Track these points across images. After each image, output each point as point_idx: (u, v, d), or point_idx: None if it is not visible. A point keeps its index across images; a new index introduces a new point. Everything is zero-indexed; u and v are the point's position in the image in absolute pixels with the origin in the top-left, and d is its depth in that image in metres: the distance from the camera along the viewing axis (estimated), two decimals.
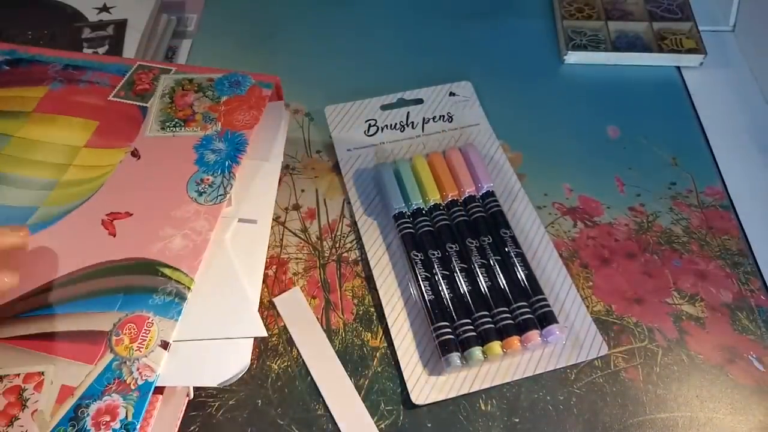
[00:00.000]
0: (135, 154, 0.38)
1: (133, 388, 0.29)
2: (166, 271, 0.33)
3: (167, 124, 0.39)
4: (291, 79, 0.52)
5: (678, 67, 0.52)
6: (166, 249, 0.33)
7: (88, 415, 0.28)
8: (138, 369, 0.29)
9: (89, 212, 0.35)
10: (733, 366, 0.36)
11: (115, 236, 0.34)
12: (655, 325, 0.37)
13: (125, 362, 0.30)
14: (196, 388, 0.35)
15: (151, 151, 0.38)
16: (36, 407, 0.28)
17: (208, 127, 0.39)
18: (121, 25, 0.52)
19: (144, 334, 0.30)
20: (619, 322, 0.38)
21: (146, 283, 0.32)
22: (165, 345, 0.30)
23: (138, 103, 0.40)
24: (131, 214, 0.35)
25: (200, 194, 0.36)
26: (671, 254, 0.40)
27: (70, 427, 0.28)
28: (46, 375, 0.29)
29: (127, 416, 0.28)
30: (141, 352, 0.30)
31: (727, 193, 0.44)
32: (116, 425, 0.28)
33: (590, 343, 0.36)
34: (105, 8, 0.53)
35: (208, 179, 0.36)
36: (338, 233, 0.42)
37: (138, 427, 0.28)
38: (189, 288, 0.32)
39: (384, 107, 0.48)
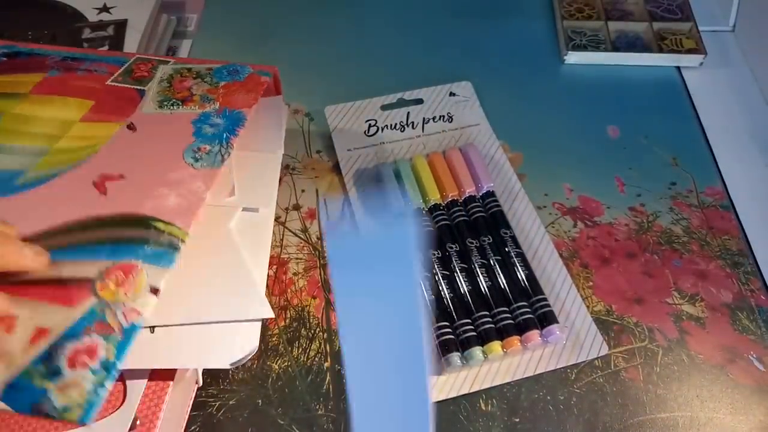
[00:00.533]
0: (131, 127, 0.37)
1: (116, 330, 0.27)
2: (159, 225, 0.31)
3: (165, 103, 0.38)
4: (291, 79, 0.52)
5: (678, 67, 0.52)
6: (160, 206, 0.32)
7: (63, 354, 0.27)
8: (123, 313, 0.28)
9: (80, 175, 0.34)
10: (734, 366, 0.36)
11: (105, 195, 0.33)
12: (656, 325, 0.37)
13: (109, 306, 0.28)
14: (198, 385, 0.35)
15: (148, 125, 0.37)
16: (6, 348, 0.27)
17: (206, 106, 0.38)
18: (121, 26, 0.52)
19: (131, 280, 0.29)
20: (619, 322, 0.38)
21: (137, 235, 0.31)
22: (155, 291, 0.29)
23: (136, 87, 0.40)
24: (124, 177, 0.34)
25: (196, 161, 0.35)
26: (671, 254, 0.40)
27: (42, 366, 0.26)
28: (20, 318, 0.28)
29: (108, 356, 0.27)
30: (127, 296, 0.28)
31: (727, 193, 0.44)
32: (95, 364, 0.27)
33: (590, 343, 0.36)
34: (105, 8, 0.53)
35: (205, 148, 0.35)
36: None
37: (119, 367, 0.27)
38: (182, 240, 0.31)
39: (384, 107, 0.48)
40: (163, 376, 0.31)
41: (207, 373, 0.36)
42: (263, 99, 0.41)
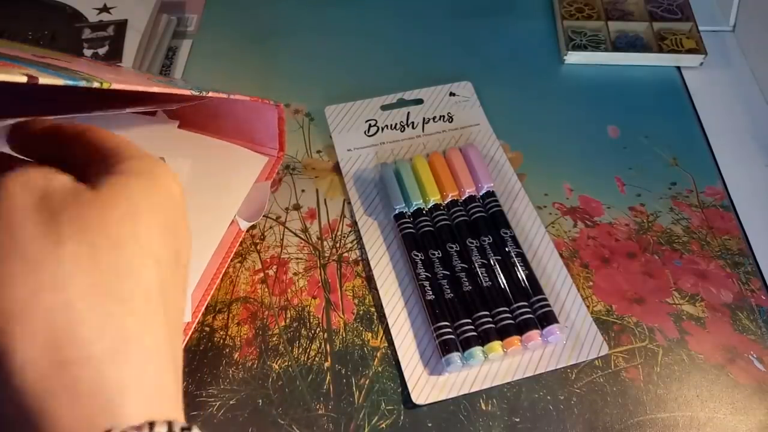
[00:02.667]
0: (107, 65, 0.35)
1: None
2: (83, 74, 0.28)
3: (155, 77, 0.37)
4: (291, 79, 0.52)
5: (678, 67, 0.52)
6: (97, 74, 0.29)
7: None
8: None
9: (24, 52, 0.31)
10: (734, 366, 0.36)
11: (42, 59, 0.30)
12: (656, 325, 0.37)
13: None
14: (196, 386, 0.35)
15: (127, 70, 0.36)
16: None
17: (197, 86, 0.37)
18: (121, 26, 0.52)
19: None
20: (619, 322, 0.38)
21: (49, 67, 0.28)
22: (32, 78, 0.25)
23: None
24: (69, 63, 0.31)
25: (161, 82, 0.32)
26: (672, 254, 0.40)
27: None
28: None
29: None
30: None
31: (728, 193, 0.44)
32: None
33: (590, 343, 0.36)
34: (105, 8, 0.53)
35: (177, 82, 0.34)
36: (338, 233, 0.42)
37: None
38: (101, 83, 0.28)
39: (384, 107, 0.48)
40: None
41: (207, 372, 0.36)
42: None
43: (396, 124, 0.47)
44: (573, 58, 0.52)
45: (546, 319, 0.36)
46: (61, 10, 0.53)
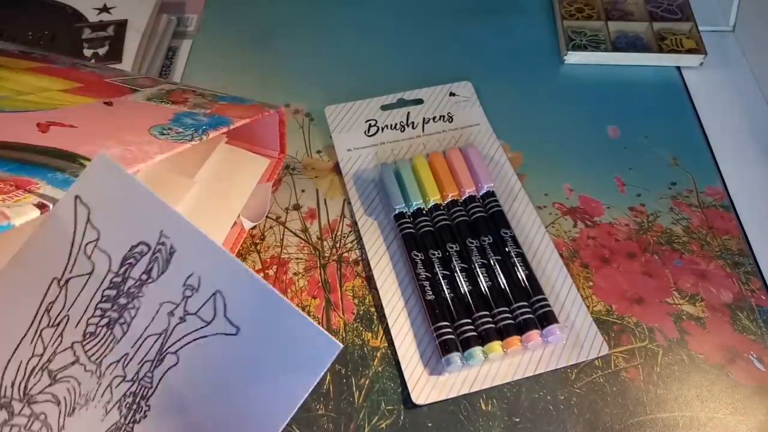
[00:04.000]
0: (108, 103, 0.34)
1: None
2: (85, 162, 0.27)
3: (155, 99, 0.35)
4: (291, 79, 0.52)
5: (678, 67, 0.52)
6: (98, 151, 0.27)
7: None
8: None
9: (30, 117, 0.30)
10: (734, 366, 0.36)
11: (45, 133, 0.29)
12: (656, 325, 0.37)
13: None
14: None
15: (128, 105, 0.34)
16: None
17: (196, 110, 0.36)
18: (121, 26, 0.52)
19: (19, 193, 0.25)
20: (619, 322, 0.38)
21: (55, 164, 0.27)
22: (42, 206, 0.25)
23: (132, 87, 0.37)
24: (75, 127, 0.30)
25: (162, 134, 0.31)
26: (672, 254, 0.40)
27: None
28: None
29: None
30: (5, 203, 0.24)
31: (728, 193, 0.44)
32: None
33: (591, 343, 0.36)
34: (105, 9, 0.53)
35: (176, 129, 0.32)
36: (339, 233, 0.42)
37: None
38: None
39: (384, 107, 0.48)
40: None
41: None
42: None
43: (396, 124, 0.47)
44: (573, 58, 0.52)
45: (546, 319, 0.36)
46: (61, 10, 0.53)
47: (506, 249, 0.38)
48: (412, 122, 0.47)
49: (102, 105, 0.34)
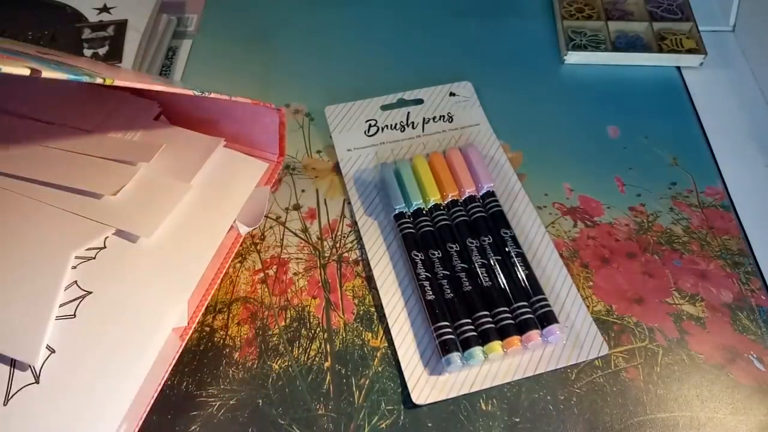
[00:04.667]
0: (109, 65, 0.34)
1: None
2: (85, 70, 0.27)
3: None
4: (291, 79, 0.52)
5: (678, 67, 0.52)
6: (99, 70, 0.28)
7: None
8: None
9: (28, 48, 0.31)
10: (734, 366, 0.36)
11: (45, 54, 0.29)
12: (656, 325, 0.37)
13: None
14: (197, 386, 0.35)
15: (128, 70, 0.35)
16: None
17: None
18: (121, 26, 0.52)
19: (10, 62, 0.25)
20: (619, 322, 0.38)
21: (51, 62, 0.27)
22: (35, 71, 0.25)
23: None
24: (72, 60, 0.31)
25: (163, 82, 0.32)
26: (671, 254, 0.40)
27: None
28: None
29: None
30: None
31: (728, 193, 0.44)
32: None
33: (591, 343, 0.36)
34: (105, 9, 0.53)
35: (177, 83, 0.33)
36: (339, 233, 0.42)
37: None
38: (104, 79, 0.28)
39: (384, 107, 0.48)
40: None
41: (207, 372, 0.36)
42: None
43: (396, 124, 0.47)
44: (573, 58, 0.52)
45: (546, 319, 0.36)
46: (61, 10, 0.53)
47: (506, 249, 0.38)
48: (412, 122, 0.47)
49: (102, 64, 0.35)
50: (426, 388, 0.35)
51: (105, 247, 0.36)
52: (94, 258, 0.35)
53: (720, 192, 0.44)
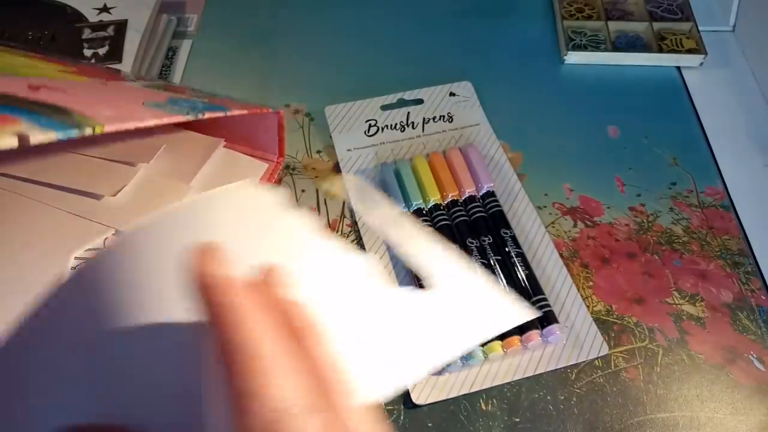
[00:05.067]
0: (103, 83, 0.33)
1: None
2: (77, 116, 0.25)
3: (151, 87, 0.35)
4: (291, 79, 0.52)
5: (678, 67, 0.52)
6: (88, 109, 0.26)
7: None
8: None
9: (22, 80, 0.29)
10: (734, 366, 0.36)
11: (36, 91, 0.27)
12: (656, 325, 0.37)
13: None
14: None
15: (122, 86, 0.33)
16: None
17: (192, 96, 0.35)
18: (121, 26, 0.52)
19: None
20: (619, 322, 0.38)
21: (41, 110, 0.25)
22: (23, 138, 0.23)
23: (131, 80, 0.37)
24: (65, 92, 0.29)
25: (156, 107, 0.30)
26: (672, 254, 0.40)
27: None
28: None
29: None
30: None
31: (728, 193, 0.44)
32: None
33: (591, 343, 0.36)
34: (105, 9, 0.53)
35: (171, 107, 0.31)
36: (339, 233, 0.42)
37: None
38: (94, 129, 0.25)
39: (384, 107, 0.48)
40: None
41: None
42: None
43: (396, 124, 0.47)
44: (573, 58, 0.52)
45: (546, 319, 0.36)
46: (61, 10, 0.53)
47: (506, 249, 0.38)
48: (412, 122, 0.47)
49: (97, 82, 0.34)
50: (426, 388, 0.35)
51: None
52: None
53: (720, 192, 0.44)
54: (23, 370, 0.21)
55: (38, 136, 0.23)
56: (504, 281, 0.37)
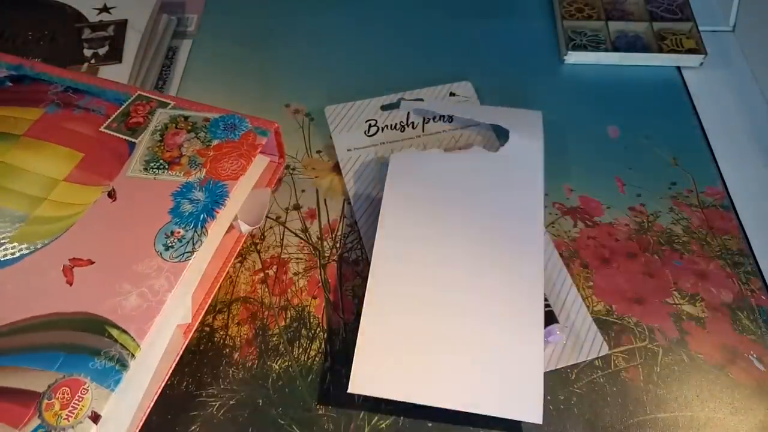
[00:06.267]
0: (111, 195, 0.37)
1: None
2: (114, 332, 0.31)
3: (151, 164, 0.38)
4: (291, 79, 0.52)
5: (678, 67, 0.52)
6: (119, 307, 0.32)
7: None
8: None
9: (53, 254, 0.34)
10: (734, 366, 0.36)
11: (71, 285, 0.33)
12: (656, 325, 0.37)
13: (51, 431, 0.28)
14: (197, 386, 0.35)
15: (129, 193, 0.37)
16: None
17: (191, 173, 0.37)
18: (121, 26, 0.52)
19: (76, 402, 0.29)
20: (619, 322, 0.38)
21: (90, 343, 0.31)
22: (95, 417, 0.28)
23: (128, 138, 0.39)
24: (93, 263, 0.34)
25: (167, 249, 0.34)
26: (672, 254, 0.40)
27: None
28: None
29: None
30: (68, 421, 0.28)
31: (728, 193, 0.44)
32: None
33: (591, 343, 0.36)
34: (105, 8, 0.53)
35: (178, 232, 0.35)
36: (339, 233, 0.42)
37: None
38: (133, 355, 0.30)
39: (384, 107, 0.48)
40: None
41: (207, 372, 0.36)
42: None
43: (396, 124, 0.47)
44: (573, 58, 0.52)
45: (546, 319, 0.36)
46: (61, 10, 0.53)
47: None
48: (412, 122, 0.47)
49: (107, 201, 0.36)
50: None
51: None
52: None
53: (720, 192, 0.44)
54: None
55: (102, 404, 0.29)
56: None
